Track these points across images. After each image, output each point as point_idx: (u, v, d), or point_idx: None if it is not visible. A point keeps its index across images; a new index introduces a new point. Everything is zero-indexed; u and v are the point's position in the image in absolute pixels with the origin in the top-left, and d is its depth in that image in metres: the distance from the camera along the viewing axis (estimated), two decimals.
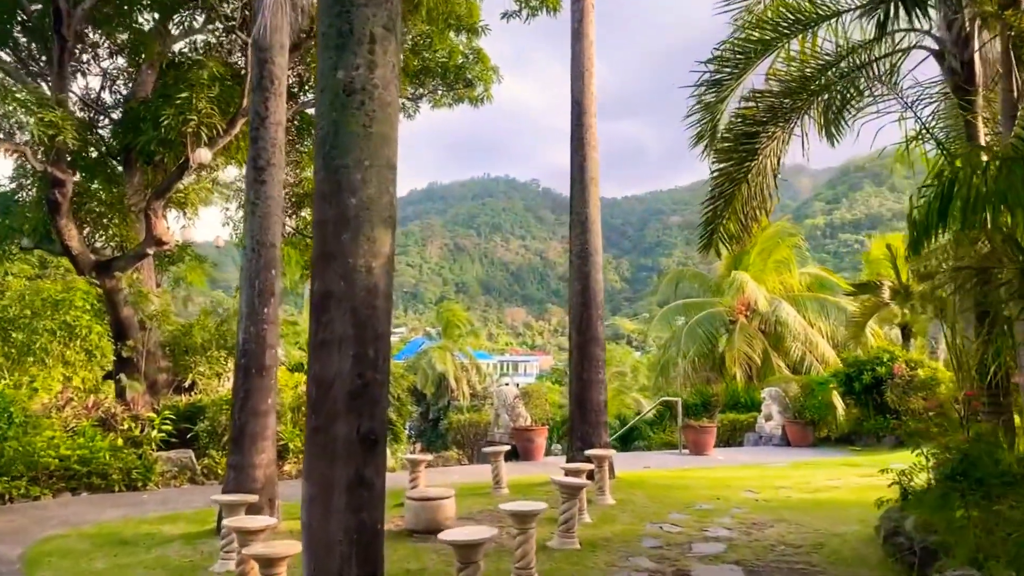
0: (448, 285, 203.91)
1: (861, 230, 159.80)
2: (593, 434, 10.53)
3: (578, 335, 10.82)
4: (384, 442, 4.30)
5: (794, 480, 11.45)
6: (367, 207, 4.23)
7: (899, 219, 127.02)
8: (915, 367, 17.25)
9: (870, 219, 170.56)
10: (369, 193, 4.25)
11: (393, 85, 4.42)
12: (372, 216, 4.24)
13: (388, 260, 4.33)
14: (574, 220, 11.07)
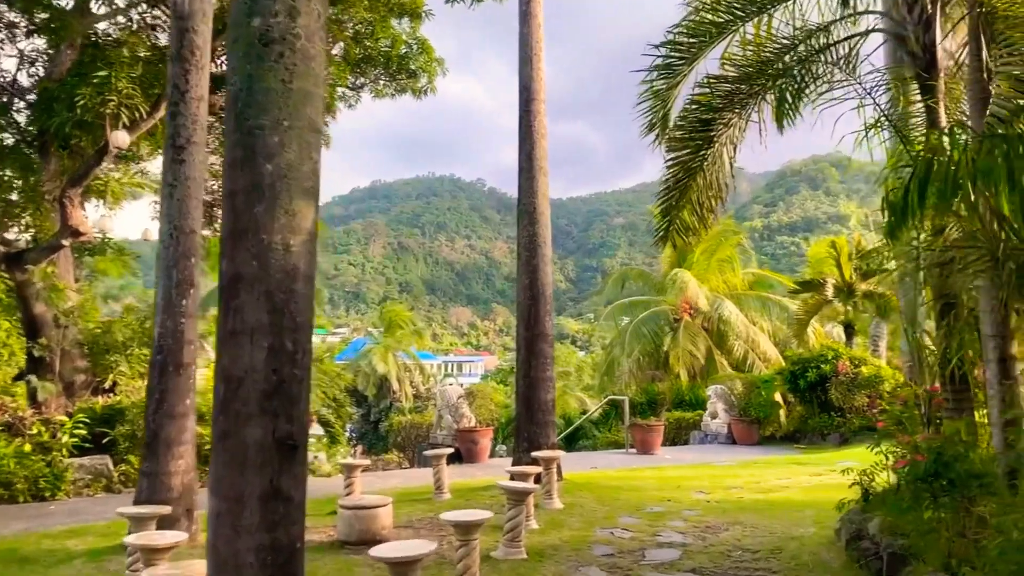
0: (392, 285, 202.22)
1: (797, 232, 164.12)
2: (540, 434, 10.06)
3: (526, 331, 10.33)
4: (305, 448, 3.73)
5: (744, 480, 11.20)
6: (285, 175, 3.65)
7: (833, 222, 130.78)
8: (859, 364, 17.30)
9: (806, 222, 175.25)
10: (288, 158, 3.67)
11: (318, 37, 3.85)
12: (291, 185, 3.66)
13: (310, 237, 3.75)
14: (522, 211, 10.58)
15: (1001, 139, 4.19)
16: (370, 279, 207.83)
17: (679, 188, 8.44)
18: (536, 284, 10.30)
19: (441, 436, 14.96)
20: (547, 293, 10.38)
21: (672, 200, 8.44)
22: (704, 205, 8.39)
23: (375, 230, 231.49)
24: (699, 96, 8.28)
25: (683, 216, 8.49)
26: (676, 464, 13.76)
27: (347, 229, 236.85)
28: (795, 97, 7.42)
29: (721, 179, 8.24)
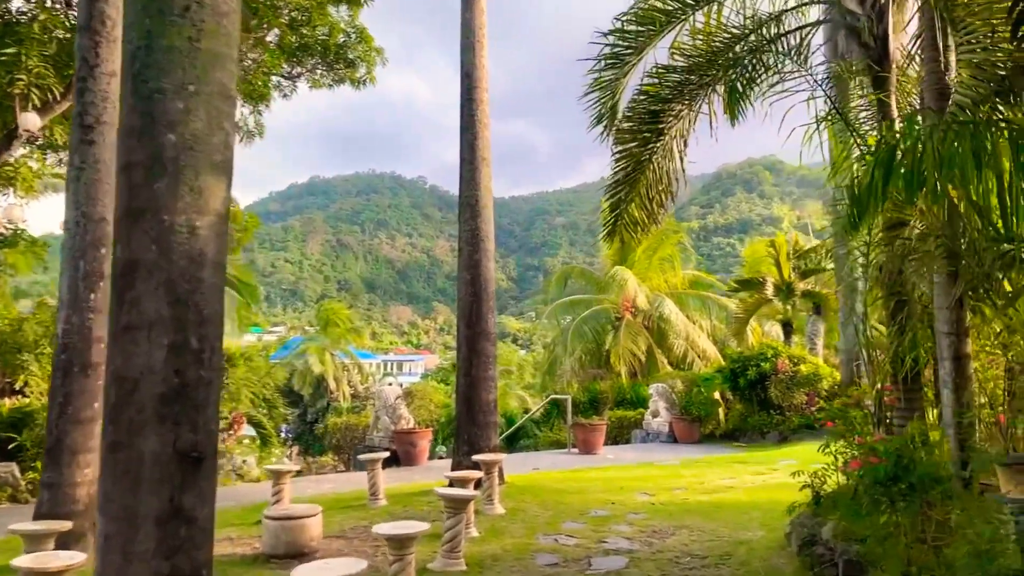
0: (330, 283, 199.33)
1: (733, 234, 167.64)
2: (481, 436, 9.66)
3: (467, 328, 9.91)
4: (214, 460, 3.25)
5: (688, 480, 11.02)
6: (191, 147, 3.17)
7: (767, 223, 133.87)
8: (797, 363, 17.41)
9: (741, 223, 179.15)
10: (194, 128, 3.19)
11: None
12: (198, 159, 3.19)
13: (219, 219, 3.28)
14: (463, 204, 10.16)
15: (969, 125, 3.97)
16: (308, 277, 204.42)
17: (628, 182, 8.15)
18: (478, 280, 9.90)
19: (378, 438, 14.43)
20: (489, 289, 10.00)
21: (621, 194, 8.15)
22: (654, 200, 8.12)
23: (313, 227, 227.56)
24: (648, 87, 8.01)
25: (631, 210, 8.21)
26: (619, 464, 13.54)
27: (285, 226, 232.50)
28: (746, 87, 7.19)
29: (671, 173, 7.98)
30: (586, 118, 8.42)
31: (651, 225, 8.40)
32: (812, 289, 20.46)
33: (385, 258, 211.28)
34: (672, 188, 8.07)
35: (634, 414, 19.87)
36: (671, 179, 8.00)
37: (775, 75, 7.36)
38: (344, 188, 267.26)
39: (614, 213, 8.28)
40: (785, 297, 20.77)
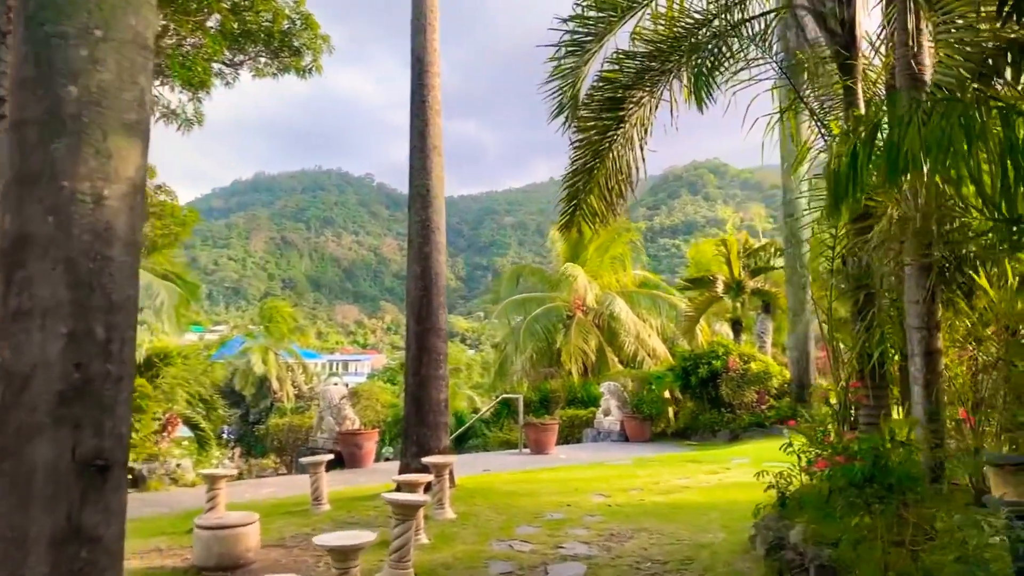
0: (274, 281, 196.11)
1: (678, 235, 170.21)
2: (432, 437, 9.23)
3: (417, 324, 9.47)
4: (123, 469, 2.79)
5: (643, 480, 10.77)
6: (98, 102, 2.70)
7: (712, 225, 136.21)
8: (748, 361, 17.41)
9: (686, 225, 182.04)
10: (102, 80, 2.71)
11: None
12: (106, 117, 2.71)
13: (133, 189, 2.81)
14: (414, 194, 9.71)
15: (957, 103, 3.73)
16: (251, 275, 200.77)
17: (587, 171, 7.83)
18: (428, 274, 9.47)
19: (322, 439, 13.86)
20: (440, 284, 9.57)
21: (579, 184, 7.83)
22: (613, 190, 7.82)
23: (257, 224, 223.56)
24: (608, 73, 7.71)
25: (590, 201, 7.90)
26: (572, 464, 13.25)
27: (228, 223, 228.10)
28: (710, 73, 6.93)
29: (631, 162, 7.68)
30: (536, 117, 8.24)
31: (610, 216, 8.11)
32: (762, 287, 20.55)
33: (331, 256, 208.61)
34: (632, 178, 7.79)
35: (585, 413, 19.66)
36: (631, 168, 7.71)
37: (739, 62, 7.13)
38: (289, 185, 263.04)
39: (572, 203, 7.95)
40: (735, 295, 20.82)
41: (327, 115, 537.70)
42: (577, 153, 7.84)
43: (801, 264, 16.66)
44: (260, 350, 54.78)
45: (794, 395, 16.72)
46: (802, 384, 16.62)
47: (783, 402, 16.80)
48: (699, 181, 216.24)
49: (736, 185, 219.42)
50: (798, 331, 16.80)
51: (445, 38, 10.58)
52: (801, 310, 16.72)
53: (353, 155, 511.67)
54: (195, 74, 17.42)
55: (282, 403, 49.08)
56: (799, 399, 16.56)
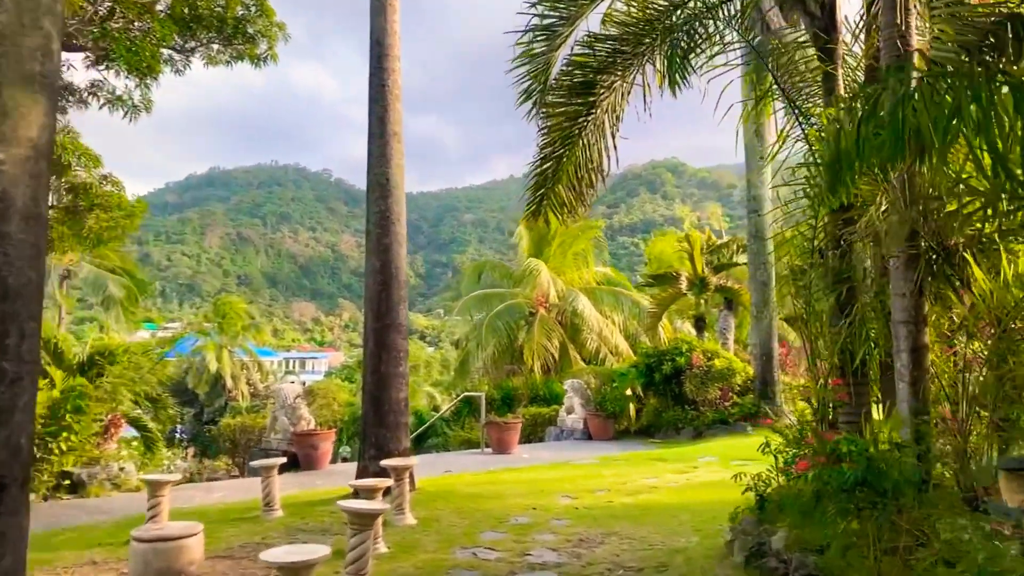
0: (230, 277, 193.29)
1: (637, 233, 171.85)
2: (391, 439, 8.80)
3: (375, 320, 9.01)
4: (23, 488, 2.34)
5: (609, 481, 10.47)
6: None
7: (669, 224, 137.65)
8: (711, 357, 17.27)
9: (645, 223, 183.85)
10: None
11: None
12: (2, 68, 2.27)
13: (37, 153, 2.37)
14: (372, 183, 9.25)
15: (964, 77, 3.45)
16: (206, 271, 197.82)
17: (555, 158, 7.48)
18: (388, 267, 9.02)
19: (276, 440, 13.31)
20: (400, 278, 9.13)
21: (547, 172, 7.47)
22: (582, 179, 7.48)
23: (212, 219, 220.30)
24: (579, 57, 7.36)
25: (558, 190, 7.54)
26: (535, 464, 12.92)
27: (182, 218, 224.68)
28: (684, 57, 6.61)
29: (601, 151, 7.35)
30: (498, 115, 8.01)
31: (579, 207, 7.76)
32: (725, 284, 20.47)
33: (288, 253, 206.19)
34: (603, 167, 7.45)
35: (548, 411, 19.37)
36: (601, 157, 7.37)
37: (715, 45, 6.84)
38: (245, 180, 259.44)
39: (539, 192, 7.59)
40: (699, 292, 20.71)
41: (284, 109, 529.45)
42: (545, 140, 7.48)
43: (765, 260, 16.57)
44: (214, 348, 53.65)
45: (758, 392, 16.64)
46: (766, 380, 16.53)
47: (747, 399, 16.70)
48: (657, 180, 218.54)
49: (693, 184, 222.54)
50: (761, 327, 16.71)
51: (406, 33, 10.16)
52: (764, 306, 16.63)
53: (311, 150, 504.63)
54: (142, 59, 16.66)
55: (237, 402, 48.22)
56: (763, 396, 16.48)
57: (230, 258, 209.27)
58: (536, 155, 7.48)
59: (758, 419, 16.34)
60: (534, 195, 7.61)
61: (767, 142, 16.61)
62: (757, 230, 16.58)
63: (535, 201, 7.62)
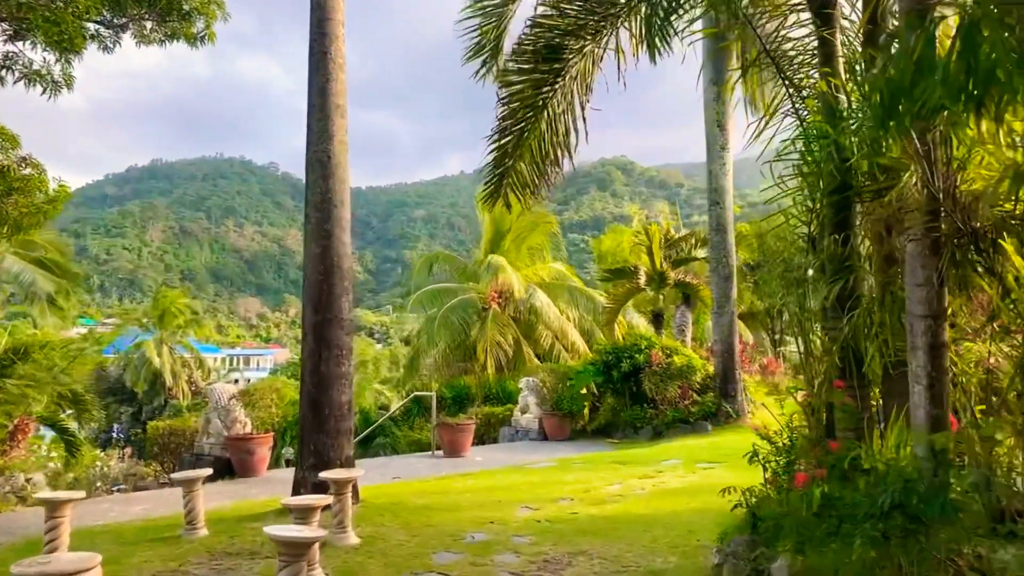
0: (172, 272, 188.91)
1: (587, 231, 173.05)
2: (332, 446, 7.88)
3: (315, 314, 8.08)
4: None
5: (571, 488, 9.72)
6: None
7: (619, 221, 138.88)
8: (670, 354, 16.68)
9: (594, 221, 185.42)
10: None
11: None
12: None
13: None
14: (312, 160, 8.30)
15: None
16: (147, 265, 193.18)
17: (516, 132, 6.67)
18: (329, 255, 8.09)
19: (208, 445, 12.25)
20: (344, 265, 8.20)
21: (507, 147, 6.66)
22: (547, 156, 6.69)
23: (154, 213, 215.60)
24: (544, 18, 6.57)
25: (520, 168, 6.74)
26: (490, 468, 12.14)
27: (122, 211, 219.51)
28: (666, 17, 5.87)
29: (569, 124, 6.57)
30: (451, 109, 7.52)
31: (542, 186, 6.96)
32: (683, 279, 19.95)
33: (232, 247, 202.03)
34: (570, 143, 6.67)
35: (502, 411, 18.60)
36: (569, 131, 6.59)
37: (698, 7, 6.12)
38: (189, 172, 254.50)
39: (499, 170, 6.78)
40: (658, 287, 20.15)
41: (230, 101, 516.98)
42: (505, 111, 6.67)
43: (727, 253, 16.06)
44: (153, 344, 51.66)
45: (718, 390, 16.12)
46: (727, 378, 16.03)
47: (707, 397, 16.16)
48: (607, 178, 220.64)
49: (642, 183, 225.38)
50: (723, 323, 16.20)
51: (358, 27, 9.33)
52: (726, 301, 16.12)
53: (257, 143, 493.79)
54: (63, 31, 15.40)
55: (177, 400, 46.67)
56: (724, 394, 15.99)
57: (173, 252, 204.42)
58: (495, 128, 6.65)
59: (719, 418, 15.86)
60: (492, 174, 6.80)
61: (728, 132, 16.12)
62: (719, 223, 16.05)
63: (494, 180, 6.80)
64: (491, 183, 6.84)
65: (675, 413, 16.04)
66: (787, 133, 6.10)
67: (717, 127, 16.00)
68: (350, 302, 8.24)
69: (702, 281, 19.97)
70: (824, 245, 5.47)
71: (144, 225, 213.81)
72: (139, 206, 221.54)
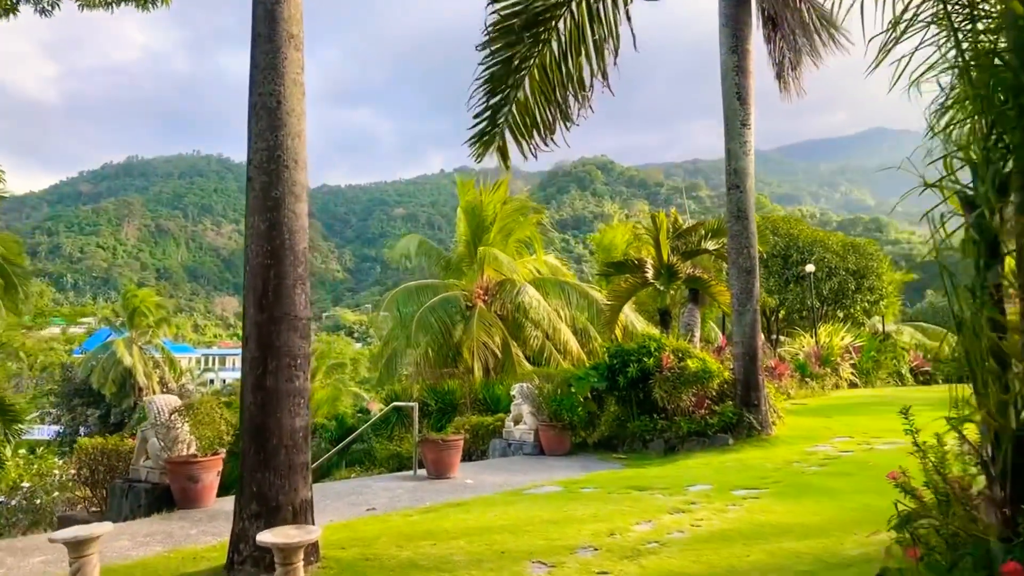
0: (148, 271, 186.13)
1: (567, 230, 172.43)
2: (282, 488, 5.86)
3: (259, 311, 6.05)
4: None
5: (590, 529, 7.76)
6: None
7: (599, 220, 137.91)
8: (683, 357, 14.79)
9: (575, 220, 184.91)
10: None
11: None
12: None
13: None
14: (257, 107, 6.26)
15: None
16: (123, 264, 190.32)
17: (519, 55, 4.67)
18: (278, 230, 6.07)
19: (145, 469, 10.20)
20: (298, 247, 6.18)
21: (510, 61, 4.65)
22: (570, 76, 4.69)
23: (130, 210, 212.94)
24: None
25: (523, 100, 4.74)
26: (483, 495, 10.18)
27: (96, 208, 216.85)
28: None
29: (609, 17, 4.58)
30: (433, 108, 5.41)
31: (556, 128, 4.96)
32: (694, 273, 18.06)
33: (210, 245, 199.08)
34: (607, 57, 4.68)
35: (492, 420, 16.65)
36: (609, 32, 4.60)
37: None
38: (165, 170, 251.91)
39: (492, 103, 4.77)
40: (667, 281, 18.24)
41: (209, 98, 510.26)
42: (502, 25, 4.66)
43: (749, 243, 14.20)
44: (123, 343, 49.71)
45: (739, 398, 14.25)
46: (749, 385, 14.17)
47: (725, 407, 14.28)
48: (587, 177, 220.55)
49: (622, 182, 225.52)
50: (744, 322, 14.33)
51: (340, 25, 7.38)
52: (747, 297, 14.26)
53: (236, 140, 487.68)
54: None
55: None
56: (745, 403, 14.12)
57: (149, 251, 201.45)
58: (488, 29, 4.62)
59: (739, 431, 14.00)
60: (486, 107, 4.78)
61: (750, 107, 14.30)
62: (739, 208, 14.18)
63: (486, 117, 4.79)
64: (482, 121, 4.83)
65: (690, 425, 14.15)
66: None
67: (737, 100, 14.14)
68: (307, 295, 6.22)
69: (712, 276, 18.10)
70: None
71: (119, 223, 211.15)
72: (114, 204, 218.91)
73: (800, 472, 10.69)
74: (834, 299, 35.11)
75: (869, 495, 8.54)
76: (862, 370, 26.11)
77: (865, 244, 37.57)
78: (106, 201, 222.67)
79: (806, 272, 30.88)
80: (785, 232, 35.42)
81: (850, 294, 35.01)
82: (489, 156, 5.17)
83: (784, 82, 15.51)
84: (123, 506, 10.05)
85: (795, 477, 10.28)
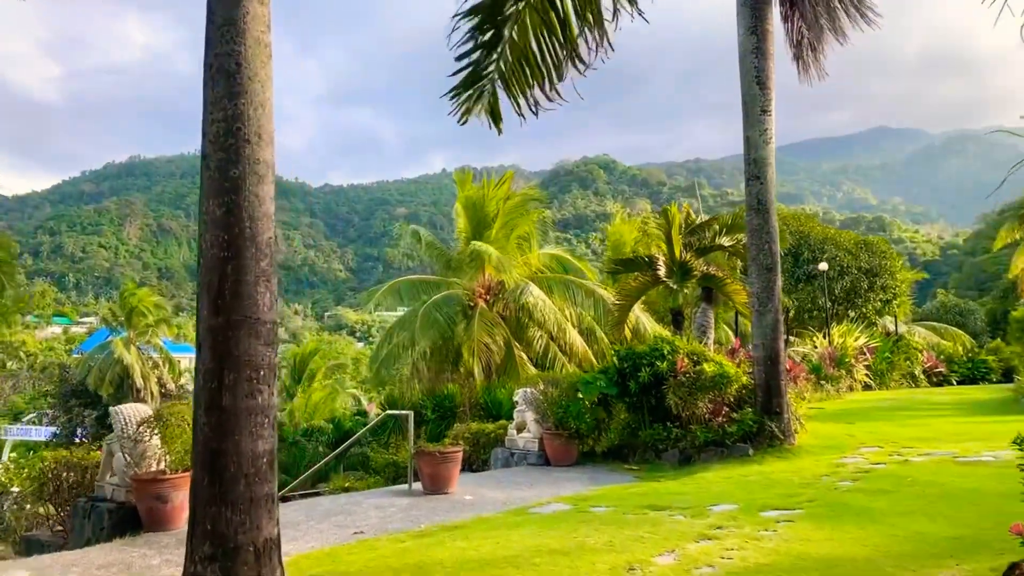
0: (150, 270, 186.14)
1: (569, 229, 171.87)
2: (241, 526, 4.88)
3: (214, 313, 5.05)
4: None
5: (605, 563, 6.74)
6: None
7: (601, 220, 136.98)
8: (699, 361, 13.79)
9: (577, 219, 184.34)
10: None
11: None
12: None
13: None
14: (213, 69, 5.21)
15: None
16: (124, 264, 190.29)
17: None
18: (237, 217, 5.07)
19: (111, 486, 9.25)
20: (261, 238, 5.17)
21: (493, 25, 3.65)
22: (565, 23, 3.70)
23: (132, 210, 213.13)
24: None
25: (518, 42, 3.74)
26: (483, 514, 9.22)
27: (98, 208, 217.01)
28: None
29: None
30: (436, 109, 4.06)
31: (560, 80, 3.97)
32: (708, 271, 17.05)
33: None
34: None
35: (494, 428, 15.68)
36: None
37: None
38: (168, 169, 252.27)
39: (480, 44, 3.78)
40: (680, 279, 17.22)
41: None
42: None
43: (770, 238, 13.21)
44: (122, 344, 49.15)
45: (759, 404, 13.25)
46: (770, 391, 13.17)
47: (744, 414, 13.27)
48: (589, 176, 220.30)
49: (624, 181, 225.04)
50: (765, 323, 13.33)
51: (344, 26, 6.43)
52: (768, 297, 13.26)
53: None
54: None
55: (147, 402, 43.58)
56: (766, 410, 13.12)
57: (151, 250, 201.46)
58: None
59: (760, 440, 13.01)
60: (474, 46, 3.79)
61: (771, 92, 13.31)
62: (760, 201, 13.19)
63: (472, 62, 3.80)
64: (468, 66, 3.82)
65: (706, 434, 13.15)
66: None
67: (757, 85, 13.15)
68: (273, 294, 5.23)
69: (727, 274, 17.10)
70: None
71: (121, 223, 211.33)
72: (116, 203, 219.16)
73: (832, 488, 9.69)
74: (846, 298, 34.12)
75: (917, 519, 7.59)
76: (876, 372, 25.14)
77: (878, 242, 36.54)
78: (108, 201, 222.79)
79: (819, 271, 29.85)
80: (796, 229, 34.45)
81: (863, 293, 34.00)
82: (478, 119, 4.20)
83: (804, 63, 14.51)
84: (85, 528, 9.08)
85: (828, 495, 9.28)
